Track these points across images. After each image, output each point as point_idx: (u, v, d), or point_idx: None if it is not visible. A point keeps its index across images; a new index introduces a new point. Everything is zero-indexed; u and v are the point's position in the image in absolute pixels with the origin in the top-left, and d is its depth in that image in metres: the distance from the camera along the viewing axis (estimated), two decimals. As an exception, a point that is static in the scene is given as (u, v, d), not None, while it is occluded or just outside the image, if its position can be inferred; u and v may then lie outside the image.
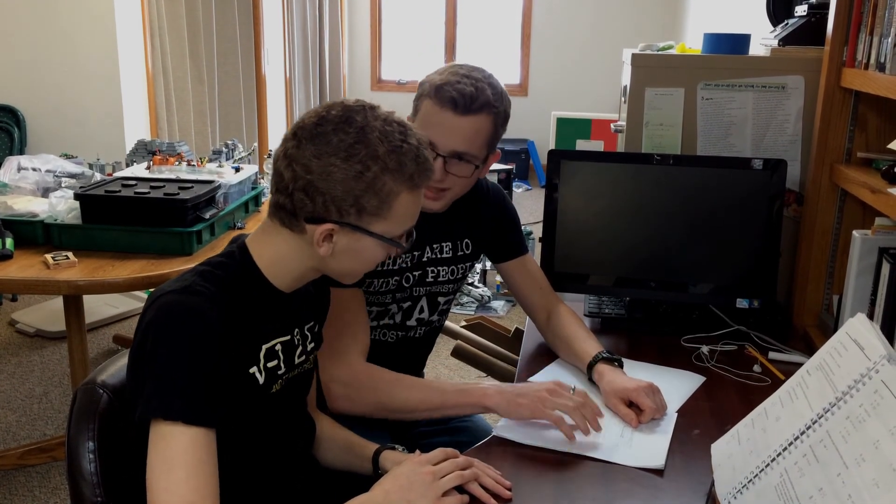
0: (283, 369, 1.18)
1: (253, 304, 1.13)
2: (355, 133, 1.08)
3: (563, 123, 5.83)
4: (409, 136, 1.12)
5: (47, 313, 3.74)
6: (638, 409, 1.43)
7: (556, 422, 1.34)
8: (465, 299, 4.04)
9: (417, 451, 1.25)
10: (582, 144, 5.70)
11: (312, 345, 1.29)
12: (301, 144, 1.10)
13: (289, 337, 1.20)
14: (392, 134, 1.10)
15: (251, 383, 1.12)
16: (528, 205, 6.16)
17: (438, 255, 1.63)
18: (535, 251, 3.88)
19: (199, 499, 1.00)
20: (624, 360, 1.59)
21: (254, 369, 1.13)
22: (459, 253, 1.66)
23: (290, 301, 1.20)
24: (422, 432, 1.68)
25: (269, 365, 1.15)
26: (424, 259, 1.61)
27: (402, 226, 1.16)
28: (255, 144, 3.99)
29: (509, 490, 1.20)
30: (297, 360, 1.22)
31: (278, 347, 1.17)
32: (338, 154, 1.08)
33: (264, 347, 1.14)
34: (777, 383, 1.54)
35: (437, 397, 1.43)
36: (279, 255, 1.15)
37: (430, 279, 1.63)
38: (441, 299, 1.68)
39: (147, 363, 1.04)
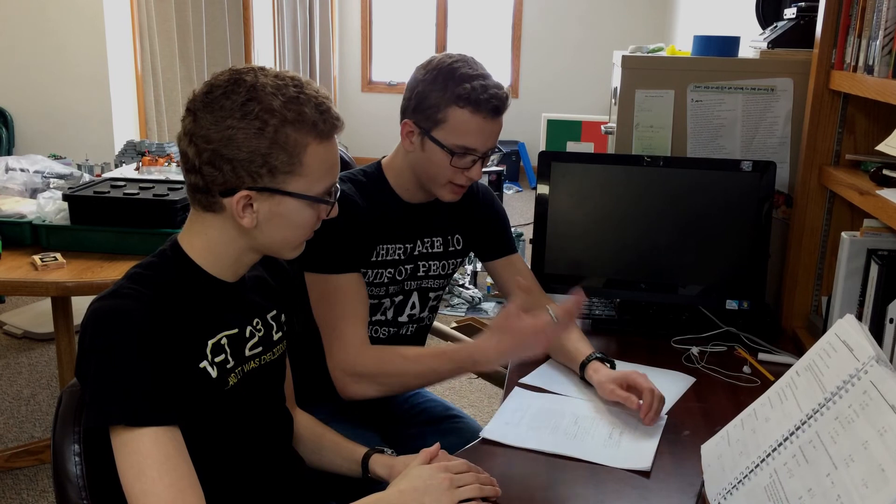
0: (231, 363, 1.14)
1: (193, 299, 1.10)
2: (246, 91, 1.05)
3: (553, 125, 5.83)
4: (306, 88, 1.09)
5: (35, 315, 3.71)
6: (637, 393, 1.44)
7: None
8: (456, 301, 4.03)
9: (444, 452, 1.23)
10: (572, 146, 5.71)
11: (279, 334, 1.26)
12: (197, 117, 1.06)
13: (236, 330, 1.16)
14: (286, 87, 1.07)
15: (204, 378, 1.09)
16: (519, 206, 6.16)
17: (430, 250, 1.65)
18: (526, 253, 3.87)
19: (178, 492, 0.99)
20: (615, 361, 1.60)
21: (204, 364, 1.09)
22: (450, 248, 1.68)
23: (238, 292, 1.17)
24: (412, 434, 1.68)
25: (217, 360, 1.11)
26: (416, 253, 1.63)
27: (322, 181, 1.11)
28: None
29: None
30: (248, 353, 1.18)
31: (224, 341, 1.13)
32: (233, 115, 1.04)
33: (210, 343, 1.11)
34: (766, 384, 1.54)
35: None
36: (210, 243, 1.12)
37: (421, 273, 1.65)
38: (431, 294, 1.70)
39: (84, 372, 1.03)
